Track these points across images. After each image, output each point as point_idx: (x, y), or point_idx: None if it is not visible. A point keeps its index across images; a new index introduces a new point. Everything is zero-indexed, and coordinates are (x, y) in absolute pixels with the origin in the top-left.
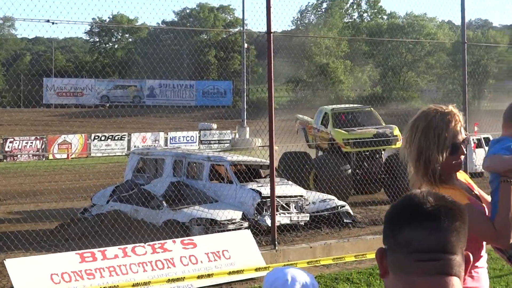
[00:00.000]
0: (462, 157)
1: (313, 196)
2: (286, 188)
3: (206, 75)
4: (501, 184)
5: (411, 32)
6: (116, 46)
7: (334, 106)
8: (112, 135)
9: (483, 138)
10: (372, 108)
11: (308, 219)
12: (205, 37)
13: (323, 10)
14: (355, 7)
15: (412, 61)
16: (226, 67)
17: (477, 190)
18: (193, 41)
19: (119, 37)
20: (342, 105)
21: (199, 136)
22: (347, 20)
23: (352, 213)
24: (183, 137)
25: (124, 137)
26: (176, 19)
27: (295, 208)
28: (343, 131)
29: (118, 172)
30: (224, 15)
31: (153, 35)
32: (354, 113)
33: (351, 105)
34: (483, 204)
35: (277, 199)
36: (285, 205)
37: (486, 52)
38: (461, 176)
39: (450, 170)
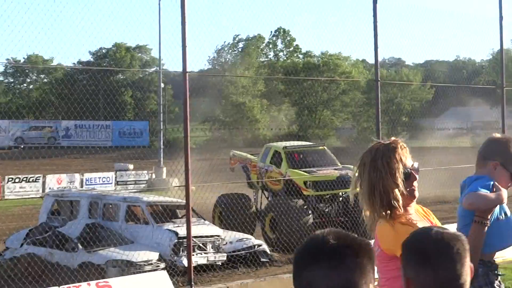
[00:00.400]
0: (415, 184)
1: (230, 236)
2: (203, 228)
3: (122, 115)
4: (474, 223)
5: (326, 71)
6: (31, 86)
7: (283, 143)
8: (27, 177)
9: None
10: (325, 147)
11: (225, 258)
12: (122, 77)
13: (240, 49)
14: (271, 46)
15: (327, 99)
16: (143, 107)
17: (435, 222)
18: (108, 81)
19: (34, 77)
20: (293, 142)
21: (115, 177)
22: (263, 59)
23: (269, 252)
24: (99, 178)
25: (39, 179)
26: (92, 59)
27: (212, 248)
28: (303, 172)
29: (32, 215)
30: (141, 54)
31: (69, 76)
32: (308, 152)
33: (302, 143)
34: None
35: (194, 239)
36: (201, 245)
37: (400, 90)
38: (416, 208)
39: (406, 200)
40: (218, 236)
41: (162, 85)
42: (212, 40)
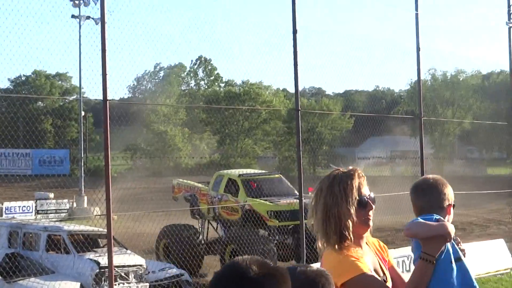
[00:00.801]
0: (371, 213)
1: (152, 265)
2: (125, 257)
3: (42, 144)
4: (420, 260)
5: (247, 100)
6: None
7: (236, 171)
8: None
9: None
10: (281, 175)
11: None
12: (42, 104)
13: (160, 77)
14: (192, 75)
15: (249, 128)
16: (63, 135)
17: (388, 259)
18: (28, 108)
19: None
20: (245, 170)
21: (36, 206)
22: (184, 88)
23: (191, 281)
24: (19, 207)
25: None
26: (10, 87)
27: (135, 278)
28: (266, 202)
29: None
30: (61, 82)
31: None
32: (265, 180)
33: (256, 171)
34: (385, 277)
35: (116, 269)
36: (124, 275)
37: (320, 119)
38: (372, 241)
39: (359, 229)
40: (141, 265)
41: (83, 113)
42: (133, 68)
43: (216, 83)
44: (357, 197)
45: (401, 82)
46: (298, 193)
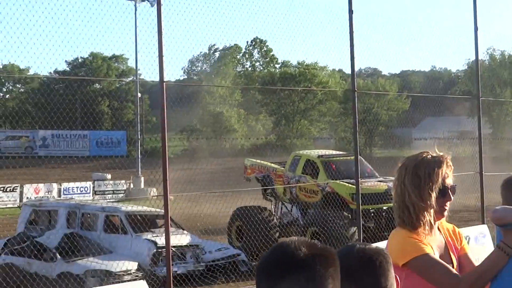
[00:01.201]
0: (448, 204)
1: (209, 245)
2: (182, 238)
3: (99, 125)
4: (497, 249)
5: (303, 81)
6: (7, 96)
7: (315, 151)
8: (4, 187)
9: None
10: (361, 157)
11: (204, 268)
12: (98, 86)
13: (215, 59)
14: (247, 56)
15: (304, 109)
16: (120, 117)
17: (461, 246)
18: (85, 90)
19: (10, 87)
20: (324, 151)
21: (93, 187)
22: (240, 70)
23: (247, 261)
24: (77, 187)
25: (16, 189)
26: (68, 69)
27: (191, 258)
28: (348, 184)
29: (10, 225)
30: (117, 64)
31: (45, 85)
32: (345, 162)
33: (335, 152)
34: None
35: (173, 249)
36: (180, 255)
37: (376, 100)
38: (446, 227)
39: (433, 215)
40: (197, 245)
41: (139, 95)
42: (188, 50)
43: (272, 65)
44: (440, 186)
45: (458, 62)
46: (378, 176)
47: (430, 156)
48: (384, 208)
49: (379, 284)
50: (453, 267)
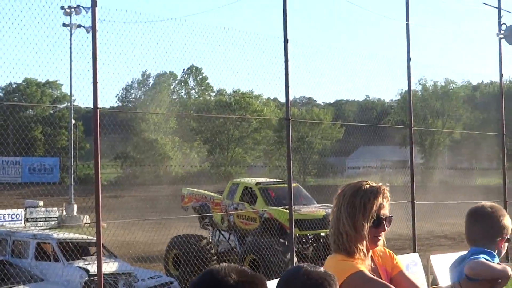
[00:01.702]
0: (383, 234)
1: (142, 273)
2: (114, 265)
3: (32, 151)
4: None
5: (238, 109)
6: None
7: (252, 179)
8: None
9: None
10: (299, 185)
11: None
12: (32, 112)
13: (149, 85)
14: (183, 84)
15: (239, 137)
16: (53, 143)
17: (394, 264)
18: (18, 116)
19: None
20: (261, 179)
21: (25, 214)
22: (175, 97)
23: None
24: (8, 214)
25: None
26: (1, 94)
27: (124, 286)
28: (286, 210)
29: None
30: (51, 90)
31: None
32: (283, 189)
33: (273, 180)
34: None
35: (105, 277)
36: (113, 283)
37: (311, 129)
38: (379, 249)
39: (366, 245)
40: (130, 273)
41: (73, 121)
42: (123, 76)
43: (207, 93)
44: (374, 217)
45: (391, 92)
46: (316, 203)
47: (368, 185)
48: (322, 234)
49: None
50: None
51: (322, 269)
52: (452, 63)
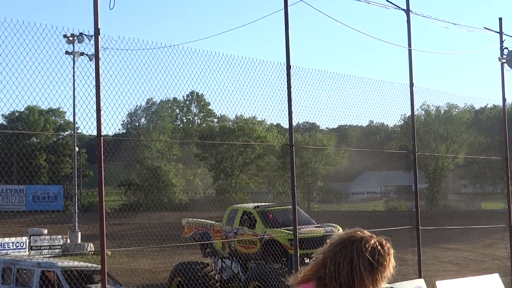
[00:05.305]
0: None
1: None
2: None
3: (36, 179)
4: None
5: (241, 135)
6: None
7: (250, 204)
8: None
9: None
10: (297, 206)
11: None
12: (36, 140)
13: (152, 112)
14: (185, 110)
15: (243, 163)
16: (57, 171)
17: None
18: (22, 144)
19: None
20: (260, 204)
21: (29, 242)
22: (178, 123)
23: None
24: (12, 243)
25: None
26: (5, 123)
27: None
28: (285, 230)
29: None
30: (55, 118)
31: None
32: (281, 211)
33: (270, 203)
34: None
35: None
36: None
37: (314, 154)
38: None
39: None
40: None
41: (77, 149)
42: (126, 104)
43: (209, 119)
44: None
45: (395, 118)
46: (315, 223)
47: (375, 241)
48: None
49: None
50: None
51: None
52: (454, 87)
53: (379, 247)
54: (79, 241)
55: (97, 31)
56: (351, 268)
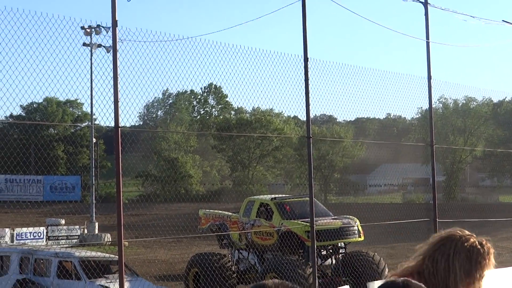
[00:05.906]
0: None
1: None
2: (136, 284)
3: (54, 170)
4: None
5: (259, 127)
6: None
7: (267, 196)
8: None
9: None
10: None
11: None
12: (54, 131)
13: (170, 104)
14: (202, 102)
15: (260, 155)
16: (75, 162)
17: None
18: (40, 135)
19: None
20: (277, 195)
21: (47, 232)
22: (195, 115)
23: None
24: (30, 233)
25: None
26: (23, 114)
27: None
28: (302, 222)
29: None
30: (72, 109)
31: None
32: (298, 203)
33: (287, 195)
34: None
35: None
36: None
37: (331, 147)
38: None
39: None
40: None
41: (94, 140)
42: (144, 95)
43: (226, 110)
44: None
45: (412, 110)
46: (332, 215)
47: (476, 241)
48: (342, 245)
49: None
50: None
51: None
52: (472, 80)
53: (478, 246)
54: (96, 231)
55: (114, 23)
56: (448, 265)
